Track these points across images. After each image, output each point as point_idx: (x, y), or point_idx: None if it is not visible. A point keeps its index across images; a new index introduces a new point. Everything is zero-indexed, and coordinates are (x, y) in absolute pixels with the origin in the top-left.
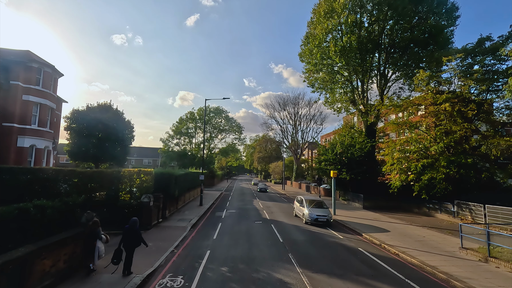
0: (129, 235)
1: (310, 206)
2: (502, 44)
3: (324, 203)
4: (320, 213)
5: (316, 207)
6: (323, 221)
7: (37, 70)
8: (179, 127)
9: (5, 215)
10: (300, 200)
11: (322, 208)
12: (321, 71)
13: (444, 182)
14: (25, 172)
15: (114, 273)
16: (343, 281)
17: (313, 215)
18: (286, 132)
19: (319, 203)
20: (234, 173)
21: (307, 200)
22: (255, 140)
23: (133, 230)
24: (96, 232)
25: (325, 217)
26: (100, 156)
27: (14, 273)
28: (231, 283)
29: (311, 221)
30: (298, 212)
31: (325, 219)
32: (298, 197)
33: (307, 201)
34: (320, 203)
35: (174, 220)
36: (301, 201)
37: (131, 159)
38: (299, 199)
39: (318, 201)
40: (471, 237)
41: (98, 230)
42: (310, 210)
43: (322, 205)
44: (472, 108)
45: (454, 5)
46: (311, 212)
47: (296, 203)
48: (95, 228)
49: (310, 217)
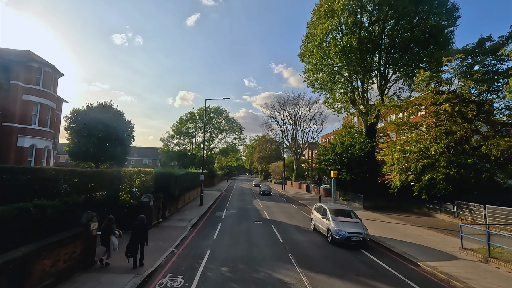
0: (137, 231)
1: (337, 218)
2: (502, 45)
3: (354, 213)
4: (352, 229)
5: (345, 219)
6: (357, 241)
7: (37, 70)
8: (179, 127)
9: (5, 215)
10: (321, 210)
11: (353, 221)
12: (321, 71)
13: (444, 183)
14: (25, 172)
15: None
16: (343, 281)
17: (344, 232)
18: (286, 132)
19: (347, 213)
20: (234, 173)
21: (331, 210)
22: (255, 140)
23: (141, 227)
24: (111, 228)
25: (360, 235)
26: (100, 156)
27: (14, 273)
28: (231, 283)
29: (340, 240)
30: (320, 226)
31: (360, 238)
32: (318, 205)
33: (331, 211)
34: (349, 213)
35: (174, 220)
36: (323, 210)
37: (131, 159)
38: (319, 208)
39: (346, 211)
40: (471, 237)
41: (112, 226)
42: (338, 224)
43: (351, 216)
44: (472, 108)
45: (454, 6)
46: (339, 228)
47: (316, 213)
48: (110, 224)
49: (339, 235)
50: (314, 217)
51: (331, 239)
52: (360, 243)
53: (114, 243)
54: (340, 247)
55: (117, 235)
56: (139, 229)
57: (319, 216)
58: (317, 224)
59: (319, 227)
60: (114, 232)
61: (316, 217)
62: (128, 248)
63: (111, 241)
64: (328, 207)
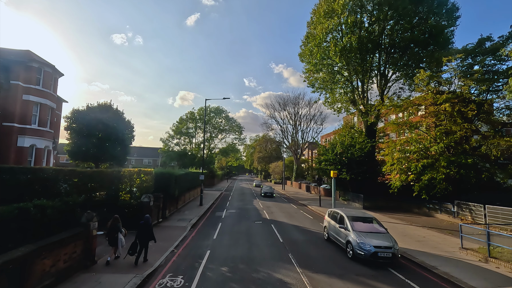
0: (143, 230)
1: (358, 227)
2: (502, 45)
3: (378, 221)
4: (379, 242)
5: (367, 229)
6: (386, 257)
7: (37, 70)
8: (179, 127)
9: (5, 215)
10: (338, 217)
11: (379, 232)
12: (321, 71)
13: (444, 182)
14: (25, 172)
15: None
16: (343, 281)
17: (368, 247)
18: (286, 132)
19: (369, 220)
20: (234, 173)
21: (350, 217)
22: (255, 140)
23: (147, 225)
24: (117, 226)
25: (389, 250)
26: (100, 156)
27: (14, 273)
28: (231, 283)
29: (365, 256)
30: (335, 236)
31: (389, 254)
32: (332, 211)
33: (350, 218)
34: (371, 221)
35: (174, 220)
36: (340, 218)
37: (131, 159)
38: (334, 214)
39: (367, 218)
40: (471, 237)
41: (118, 225)
42: (360, 235)
43: (375, 224)
44: (472, 108)
45: (454, 6)
46: (362, 240)
47: (330, 220)
48: (116, 223)
49: (362, 250)
50: (327, 224)
51: (352, 254)
52: (389, 260)
53: (122, 240)
54: (363, 264)
55: (123, 233)
56: (145, 228)
57: (335, 224)
58: (331, 234)
59: (335, 237)
60: (121, 230)
61: (331, 225)
62: (132, 246)
63: (119, 238)
64: (346, 214)
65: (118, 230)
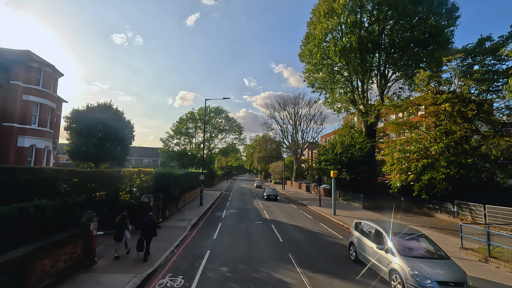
0: (148, 227)
1: (407, 251)
2: (502, 44)
3: (429, 239)
4: (444, 276)
5: (419, 251)
6: None
7: (37, 70)
8: (179, 127)
9: (5, 215)
10: (372, 232)
11: (437, 256)
12: (321, 71)
13: (444, 182)
14: (25, 172)
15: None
16: (343, 281)
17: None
18: (286, 132)
19: (417, 237)
20: (234, 173)
21: (393, 233)
22: (255, 140)
23: (151, 223)
24: (125, 223)
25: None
26: (100, 156)
27: (14, 273)
28: (231, 283)
29: None
30: (369, 258)
31: None
32: (363, 223)
33: (391, 235)
34: (419, 237)
35: (174, 220)
36: (376, 233)
37: (131, 159)
38: (363, 227)
39: (414, 235)
40: (471, 237)
41: (126, 222)
42: (413, 263)
43: (426, 243)
44: (472, 108)
45: (454, 5)
46: (419, 272)
47: (358, 235)
48: (124, 220)
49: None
50: (355, 240)
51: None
52: None
53: (128, 236)
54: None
55: (130, 229)
56: (149, 225)
57: (368, 242)
58: (363, 254)
59: (369, 260)
60: (128, 227)
61: (361, 243)
62: (139, 243)
63: (125, 235)
64: (384, 228)
65: (126, 227)
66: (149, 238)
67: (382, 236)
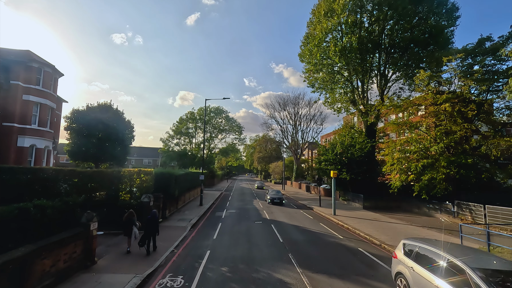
0: (151, 224)
1: None
2: (502, 45)
3: None
4: None
5: None
6: None
7: (37, 70)
8: (179, 127)
9: (5, 215)
10: (443, 266)
11: None
12: (321, 71)
13: (444, 182)
14: (25, 172)
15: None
16: (343, 281)
17: None
18: (286, 132)
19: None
20: (234, 173)
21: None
22: (255, 140)
23: (154, 220)
24: (132, 220)
25: None
26: (100, 156)
27: (14, 273)
28: (231, 283)
29: None
30: None
31: None
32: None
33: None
34: None
35: (174, 220)
36: (451, 268)
37: (131, 159)
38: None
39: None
40: (471, 237)
41: (133, 219)
42: None
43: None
44: (472, 108)
45: (454, 6)
46: None
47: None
48: (131, 217)
49: None
50: (407, 271)
51: None
52: None
53: (136, 233)
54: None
55: (137, 226)
56: (152, 222)
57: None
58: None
59: None
60: (136, 224)
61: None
62: (142, 239)
63: (133, 231)
64: (473, 270)
65: (133, 224)
66: (153, 234)
67: (465, 274)
